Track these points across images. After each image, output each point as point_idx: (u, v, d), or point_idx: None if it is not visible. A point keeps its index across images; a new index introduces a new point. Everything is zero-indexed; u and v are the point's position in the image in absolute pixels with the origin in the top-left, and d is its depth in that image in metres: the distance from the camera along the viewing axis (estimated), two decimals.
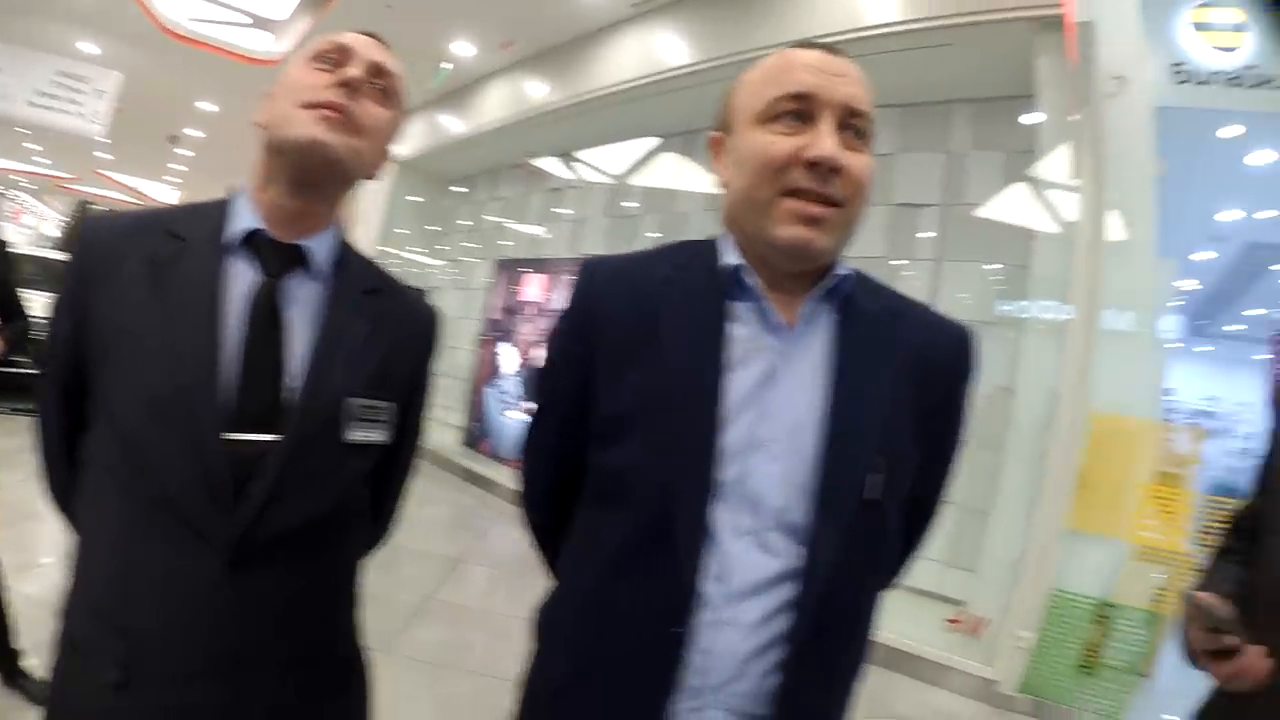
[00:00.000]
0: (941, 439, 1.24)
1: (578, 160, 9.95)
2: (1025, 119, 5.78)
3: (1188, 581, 1.51)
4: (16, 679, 3.22)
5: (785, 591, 1.05)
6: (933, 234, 6.43)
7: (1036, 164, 5.33)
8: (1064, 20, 4.77)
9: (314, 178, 1.23)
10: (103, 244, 1.20)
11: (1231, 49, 5.47)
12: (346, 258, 1.33)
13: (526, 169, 10.69)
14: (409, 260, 12.77)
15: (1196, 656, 1.39)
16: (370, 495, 1.39)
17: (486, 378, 10.04)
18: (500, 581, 5.81)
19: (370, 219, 12.47)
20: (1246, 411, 10.93)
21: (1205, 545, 4.68)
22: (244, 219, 1.23)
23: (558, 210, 10.20)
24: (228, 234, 1.23)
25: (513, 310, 9.88)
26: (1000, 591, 4.97)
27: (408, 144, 12.07)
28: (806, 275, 1.13)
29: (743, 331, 1.11)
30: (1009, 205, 5.97)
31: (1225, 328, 12.51)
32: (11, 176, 25.90)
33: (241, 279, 1.21)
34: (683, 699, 1.06)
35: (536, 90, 9.00)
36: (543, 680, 1.22)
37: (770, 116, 1.08)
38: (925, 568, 5.91)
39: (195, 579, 1.11)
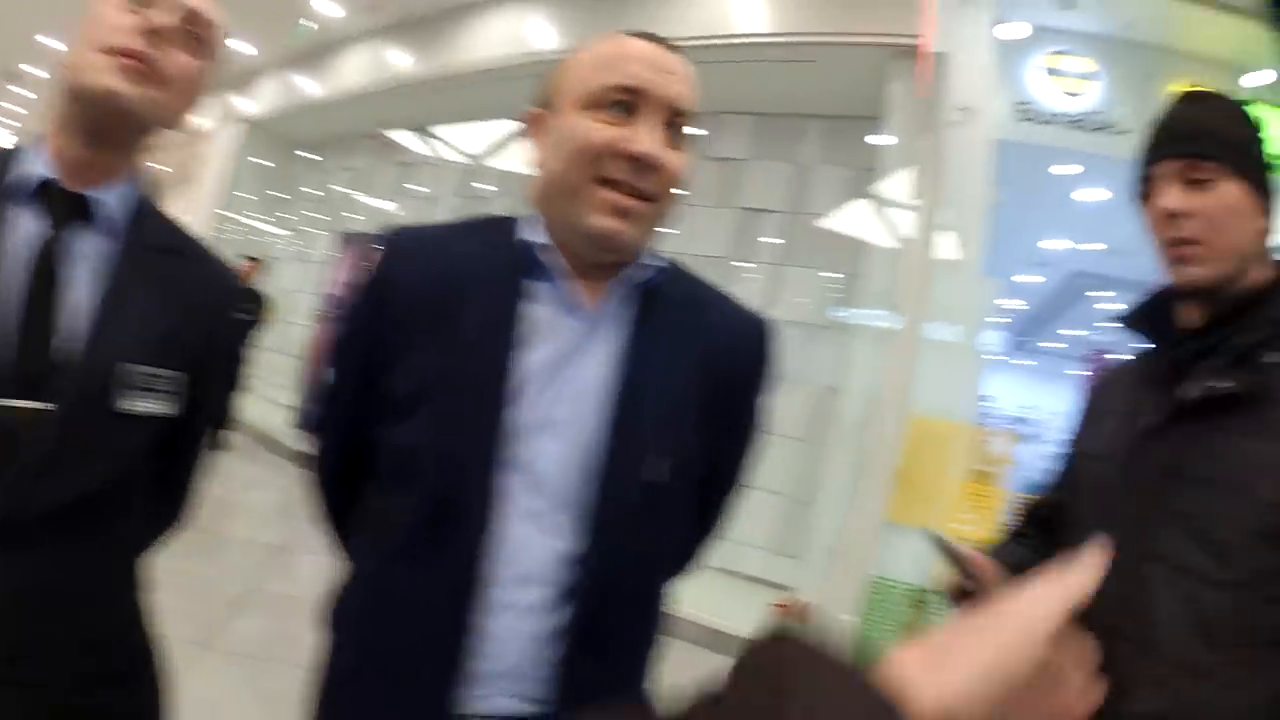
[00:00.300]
0: (737, 427, 1.25)
1: (434, 137, 9.71)
2: (873, 139, 6.15)
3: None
4: None
5: (569, 576, 1.04)
6: (776, 240, 6.78)
7: (879, 182, 5.74)
8: (919, 50, 5.13)
9: (107, 128, 1.12)
10: None
11: (1077, 94, 6.00)
12: (145, 214, 1.21)
13: (380, 140, 10.32)
14: (249, 227, 12.02)
15: (951, 597, 1.51)
16: (160, 473, 1.29)
17: (322, 356, 9.57)
18: (330, 571, 5.54)
19: (211, 179, 11.64)
20: (1059, 420, 11.97)
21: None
22: (33, 166, 1.12)
23: (409, 186, 9.95)
24: (10, 181, 1.10)
25: (355, 286, 9.44)
26: (824, 578, 5.27)
27: (258, 103, 11.40)
28: (612, 263, 1.11)
29: (540, 311, 1.08)
30: (849, 218, 6.38)
31: (1045, 345, 13.78)
32: None
33: (24, 230, 1.09)
34: (471, 686, 1.02)
35: (399, 60, 8.70)
36: (333, 672, 1.16)
37: (597, 103, 1.05)
38: (753, 555, 6.22)
39: None
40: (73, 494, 1.09)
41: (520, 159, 8.38)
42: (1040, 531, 1.59)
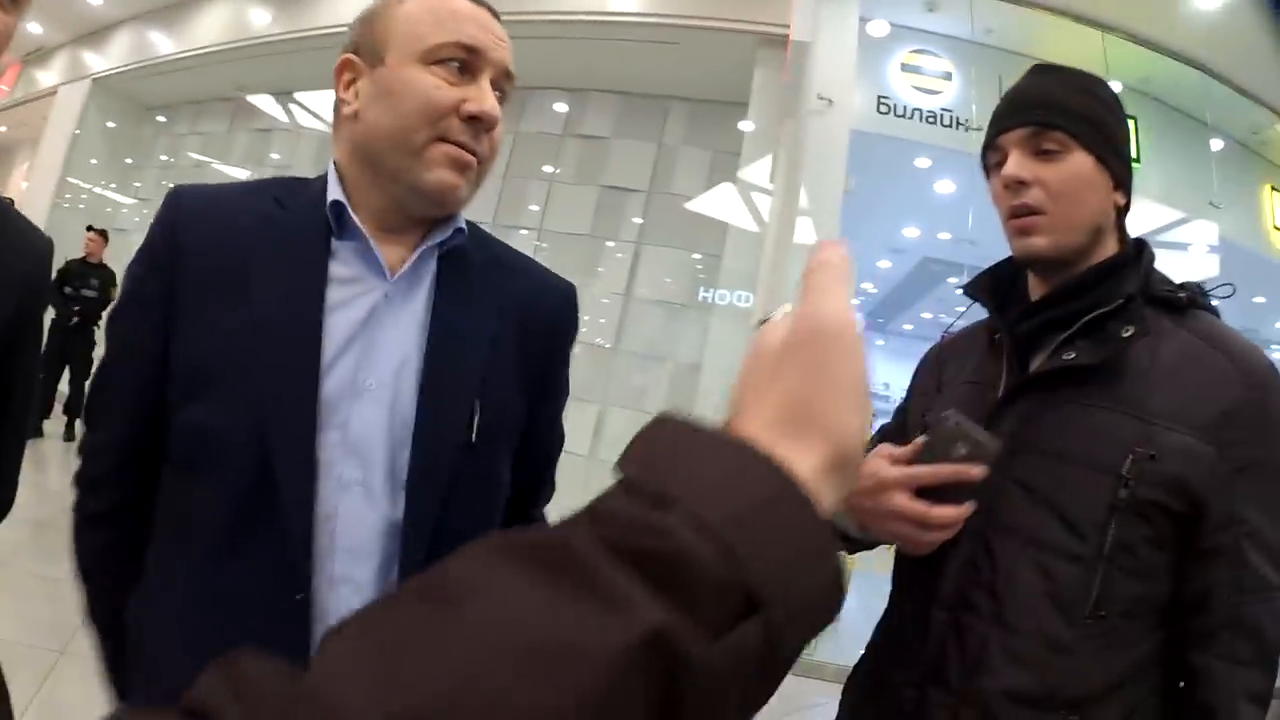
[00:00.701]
0: (549, 388, 1.23)
1: (293, 102, 9.29)
2: (737, 124, 6.25)
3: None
4: None
5: (398, 545, 1.01)
6: (640, 219, 6.86)
7: (741, 166, 5.86)
8: (784, 39, 5.23)
9: None
10: None
11: (935, 92, 6.27)
12: None
13: (236, 104, 9.76)
14: (96, 195, 11.12)
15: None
16: None
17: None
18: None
19: (54, 142, 10.71)
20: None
21: None
22: None
23: (265, 153, 9.50)
24: None
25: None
26: None
27: (107, 59, 10.54)
28: (418, 223, 1.08)
29: (344, 272, 1.03)
30: (712, 200, 6.51)
31: (902, 326, 14.31)
32: None
33: None
34: None
35: (259, 18, 8.24)
36: (155, 681, 1.03)
37: (435, 60, 1.02)
38: None
39: None
40: None
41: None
42: None
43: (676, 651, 0.29)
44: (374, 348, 1.02)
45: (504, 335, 1.11)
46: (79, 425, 7.71)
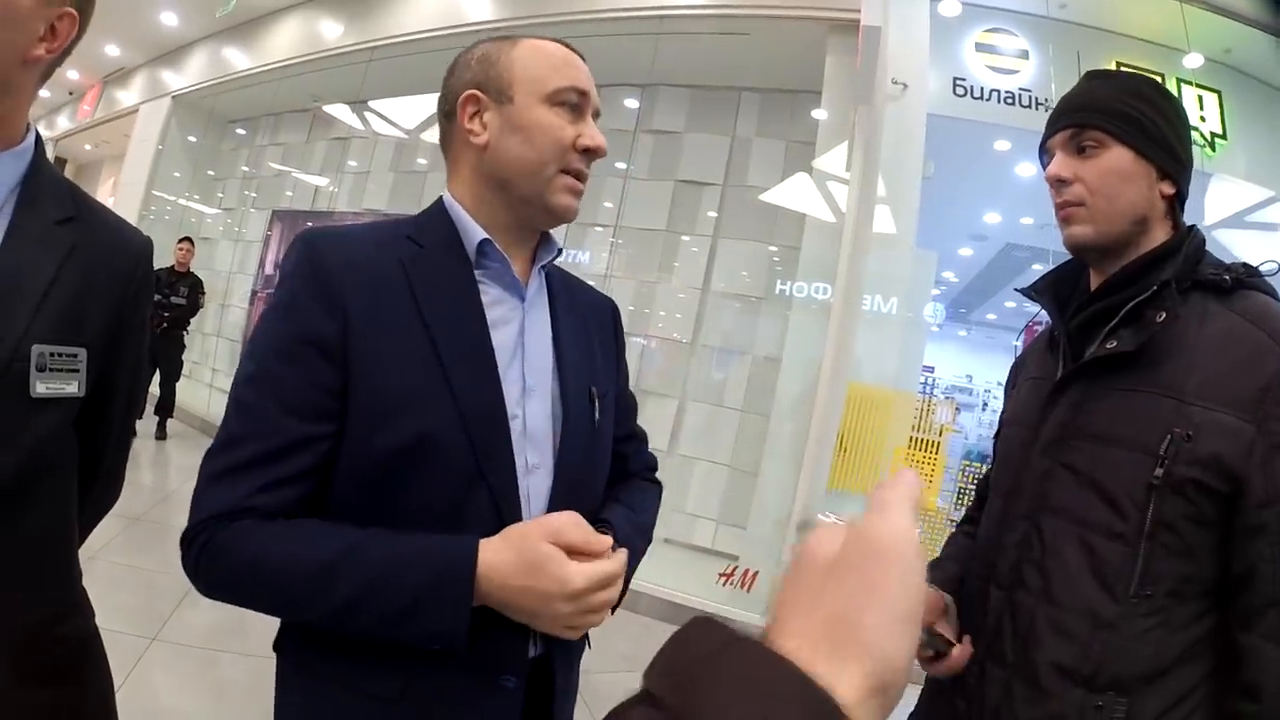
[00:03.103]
0: (622, 370, 1.49)
1: (368, 110, 9.43)
2: (810, 113, 6.18)
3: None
4: None
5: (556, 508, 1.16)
6: (713, 213, 6.78)
7: (816, 156, 5.76)
8: (855, 24, 5.14)
9: None
10: None
11: (1012, 72, 6.12)
12: (38, 181, 1.17)
13: (313, 114, 9.99)
14: (181, 206, 11.56)
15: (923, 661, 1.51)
16: (83, 458, 1.27)
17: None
18: None
19: (140, 158, 11.19)
20: (998, 389, 12.02)
21: (959, 504, 5.48)
22: None
23: (342, 161, 9.69)
24: None
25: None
26: (769, 547, 5.39)
27: (186, 77, 10.98)
28: (530, 238, 1.28)
29: (491, 294, 1.20)
30: (787, 191, 6.39)
31: (985, 316, 14.07)
32: None
33: None
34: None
35: (330, 30, 8.45)
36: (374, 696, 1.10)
37: (557, 101, 1.19)
38: (700, 526, 6.34)
39: None
40: None
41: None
42: (979, 510, 1.64)
43: None
44: (529, 355, 1.21)
45: (592, 333, 1.37)
46: (170, 425, 8.09)
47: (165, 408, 8.20)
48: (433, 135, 8.49)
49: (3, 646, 1.12)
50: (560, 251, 1.32)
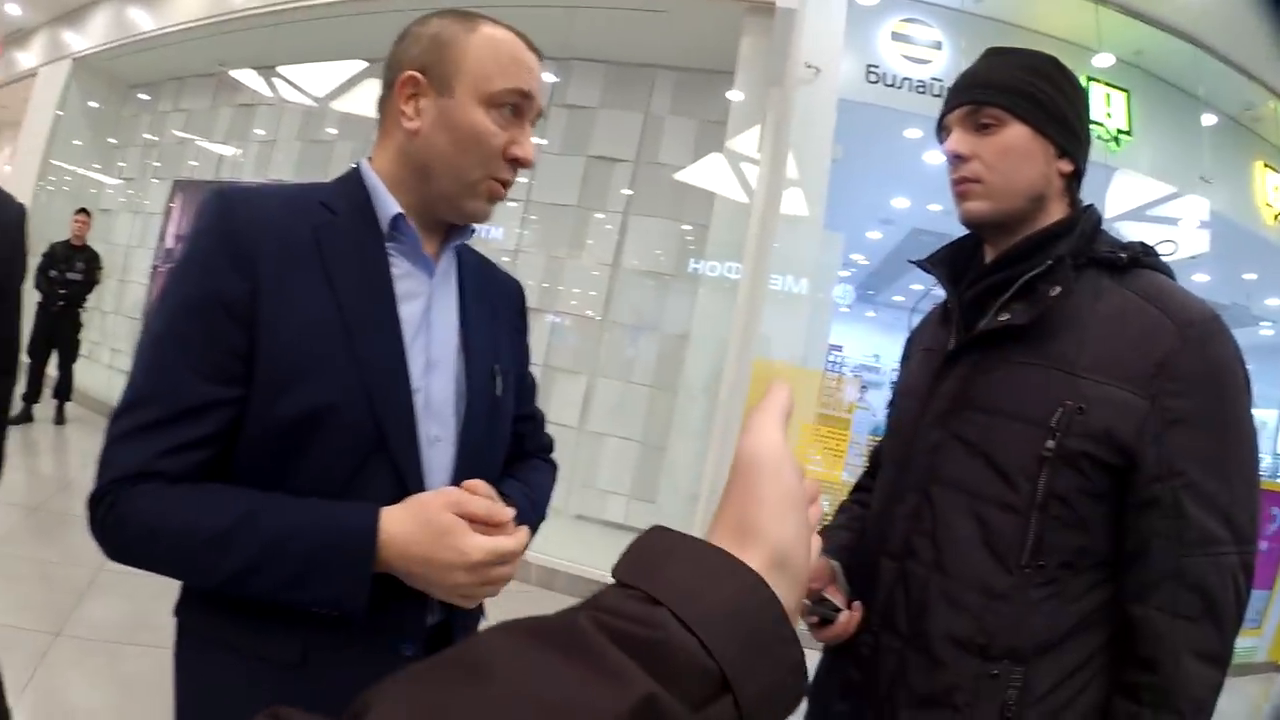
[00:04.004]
0: (523, 347, 1.49)
1: (276, 76, 9.10)
2: (724, 93, 6.18)
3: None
4: None
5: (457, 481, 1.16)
6: (627, 190, 6.80)
7: (729, 136, 5.80)
8: (771, 7, 5.19)
9: None
10: None
11: (925, 61, 6.25)
12: None
13: (219, 79, 9.56)
14: (80, 176, 10.96)
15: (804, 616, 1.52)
16: None
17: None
18: None
19: (36, 123, 10.61)
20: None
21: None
22: None
23: (248, 129, 9.34)
24: None
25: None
26: (681, 522, 5.30)
27: (88, 38, 10.40)
28: (444, 226, 1.27)
29: (400, 268, 1.19)
30: (700, 170, 6.46)
31: (893, 298, 14.42)
32: None
33: None
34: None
35: None
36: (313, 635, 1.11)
37: (495, 103, 1.16)
38: (613, 502, 6.40)
39: None
40: None
41: (365, 102, 8.12)
42: (871, 480, 1.66)
43: (663, 715, 0.36)
44: (434, 330, 1.22)
45: (498, 313, 1.37)
46: (68, 409, 7.75)
47: (63, 391, 7.76)
48: (342, 104, 8.32)
49: None
50: (473, 232, 1.31)
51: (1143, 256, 1.30)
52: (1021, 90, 1.33)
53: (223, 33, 8.48)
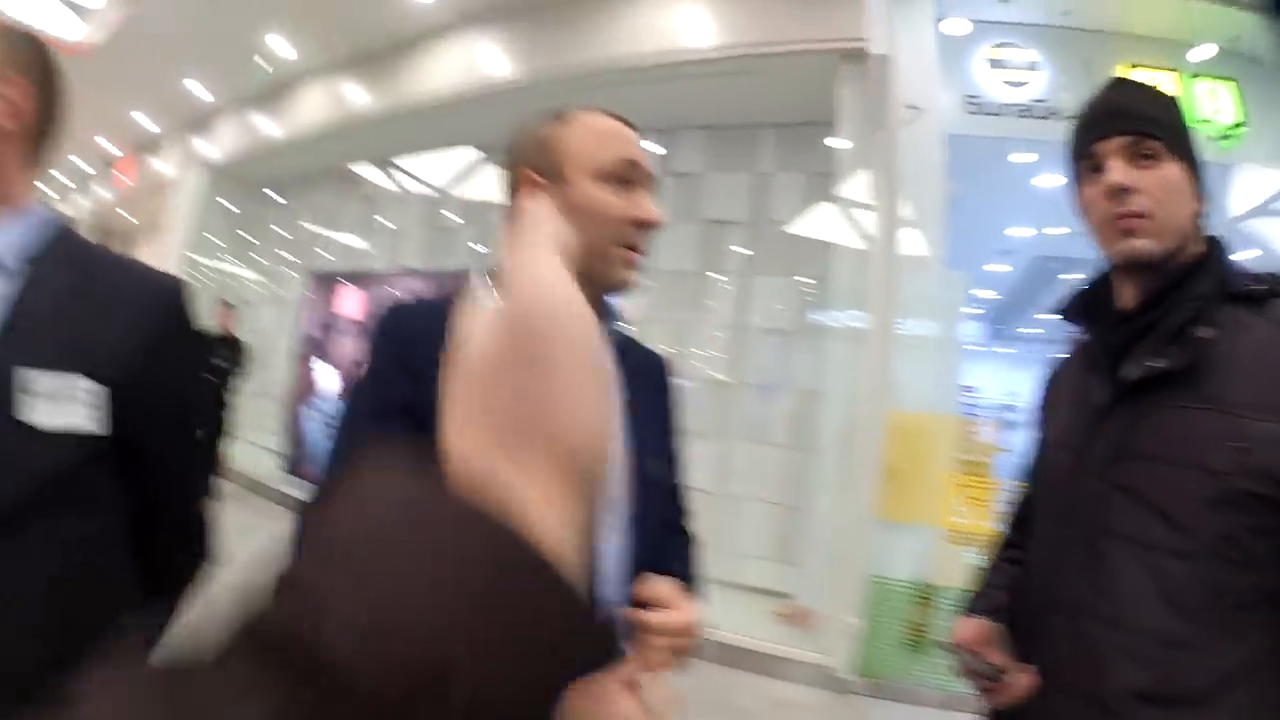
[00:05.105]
0: (674, 423, 1.52)
1: (397, 169, 9.68)
2: (827, 142, 6.19)
3: (960, 605, 1.64)
4: None
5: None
6: (742, 249, 6.84)
7: (838, 184, 5.78)
8: (864, 53, 5.24)
9: None
10: None
11: (1023, 84, 6.16)
12: (50, 240, 1.21)
13: (345, 176, 10.26)
14: (221, 271, 11.92)
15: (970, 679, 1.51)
16: (140, 505, 1.27)
17: (303, 398, 9.33)
18: None
19: (179, 226, 11.56)
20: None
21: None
22: None
23: (376, 220, 9.94)
24: None
25: (329, 325, 9.38)
26: (823, 582, 5.33)
27: (220, 146, 11.31)
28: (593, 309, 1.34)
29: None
30: (813, 222, 6.45)
31: (1023, 330, 13.90)
32: None
33: None
34: None
35: (356, 95, 8.68)
36: None
37: (608, 177, 1.21)
38: (752, 565, 6.29)
39: None
40: None
41: (485, 188, 8.44)
42: (1022, 536, 1.61)
43: None
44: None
45: (650, 391, 1.43)
46: (221, 486, 8.11)
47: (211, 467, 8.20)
48: (461, 191, 8.65)
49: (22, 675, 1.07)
50: (617, 319, 1.35)
51: (1278, 287, 1.28)
52: (1175, 125, 1.33)
53: (343, 133, 9.03)
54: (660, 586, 1.13)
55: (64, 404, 1.11)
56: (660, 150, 7.01)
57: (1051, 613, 1.36)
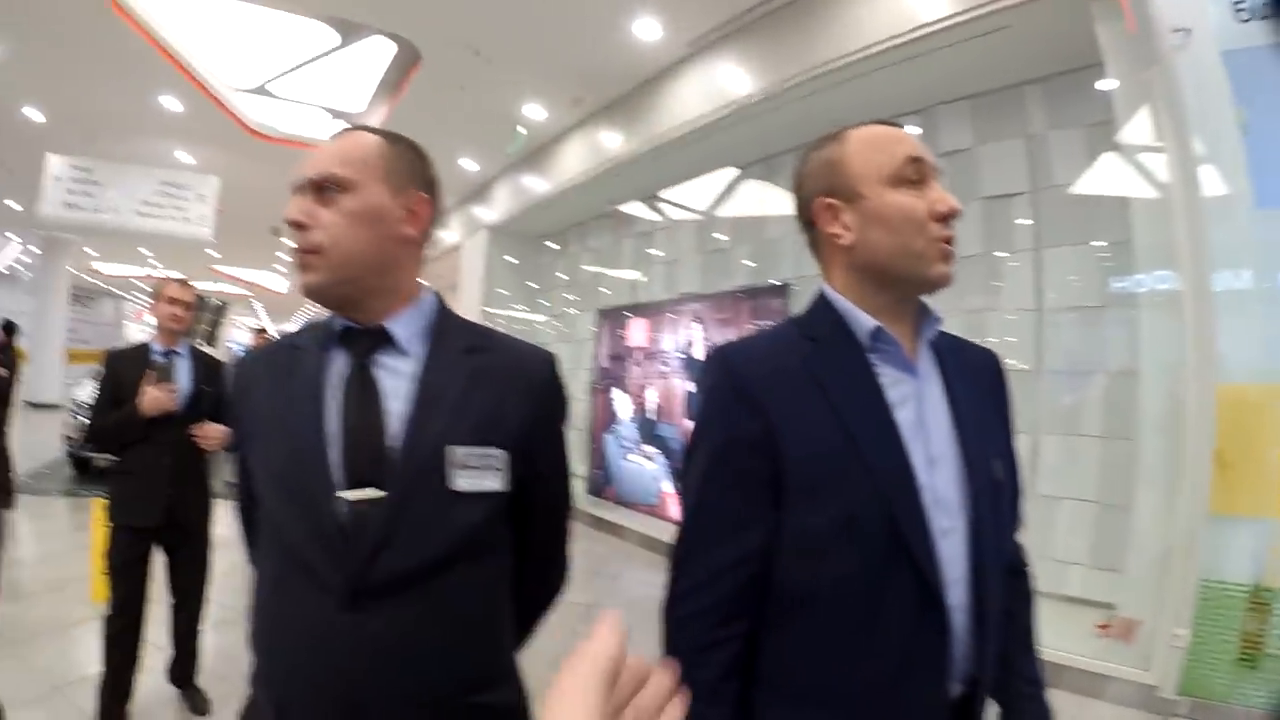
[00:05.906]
0: (1009, 422, 1.51)
1: (662, 201, 10.12)
2: (1098, 87, 5.49)
3: None
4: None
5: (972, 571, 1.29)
6: (1028, 221, 6.14)
7: (1118, 132, 5.06)
8: None
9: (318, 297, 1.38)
10: (246, 366, 1.51)
11: None
12: (444, 325, 1.45)
13: (614, 216, 10.96)
14: (513, 318, 13.24)
15: None
16: (521, 542, 1.50)
17: (604, 425, 10.19)
18: (634, 625, 5.63)
19: (471, 283, 13.12)
20: None
21: None
22: (339, 321, 1.41)
23: (650, 252, 10.42)
24: (327, 334, 1.41)
25: (620, 356, 10.07)
26: (1149, 590, 4.62)
27: (495, 208, 12.69)
28: (909, 314, 1.35)
29: (887, 377, 1.30)
30: (1100, 179, 5.69)
31: None
32: (132, 280, 27.91)
33: (338, 365, 1.38)
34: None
35: (611, 140, 9.22)
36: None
37: (899, 179, 1.28)
38: (1070, 572, 5.65)
39: (315, 623, 1.25)
40: (414, 562, 1.28)
41: (750, 204, 8.49)
42: None
43: None
44: (929, 427, 1.30)
45: (981, 392, 1.42)
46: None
47: None
48: (726, 211, 8.81)
49: (428, 705, 1.28)
50: (939, 321, 1.39)
51: None
52: None
53: (608, 177, 9.60)
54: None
55: (482, 472, 1.33)
56: (920, 131, 6.56)
57: None
